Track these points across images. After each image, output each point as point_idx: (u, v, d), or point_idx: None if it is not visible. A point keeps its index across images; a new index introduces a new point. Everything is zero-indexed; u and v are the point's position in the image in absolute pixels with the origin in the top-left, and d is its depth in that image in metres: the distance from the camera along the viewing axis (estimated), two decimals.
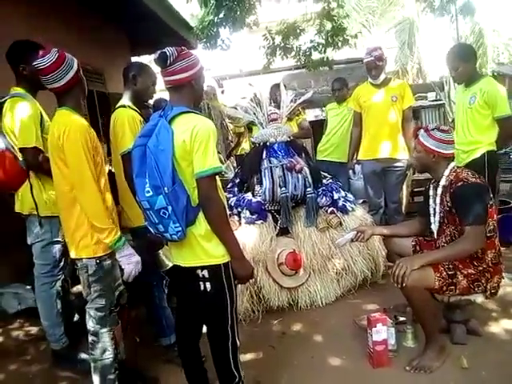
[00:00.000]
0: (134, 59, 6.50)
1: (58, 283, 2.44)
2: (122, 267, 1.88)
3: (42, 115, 2.30)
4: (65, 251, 2.35)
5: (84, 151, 1.78)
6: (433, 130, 2.29)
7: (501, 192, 5.82)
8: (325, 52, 7.35)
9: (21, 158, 2.25)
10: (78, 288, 3.03)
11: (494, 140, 2.99)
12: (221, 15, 6.62)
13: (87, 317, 1.96)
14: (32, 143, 2.20)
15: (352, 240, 2.59)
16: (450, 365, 2.20)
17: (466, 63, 2.98)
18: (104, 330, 1.94)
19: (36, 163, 2.22)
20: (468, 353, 2.26)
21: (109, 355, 1.93)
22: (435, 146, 2.26)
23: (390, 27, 13.24)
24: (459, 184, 2.18)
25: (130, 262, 1.89)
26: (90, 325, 1.95)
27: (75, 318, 2.73)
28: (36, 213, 2.31)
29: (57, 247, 2.38)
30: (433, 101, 7.75)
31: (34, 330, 2.91)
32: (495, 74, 12.42)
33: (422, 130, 2.33)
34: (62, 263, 2.43)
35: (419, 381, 2.12)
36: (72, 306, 2.70)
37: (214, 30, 6.72)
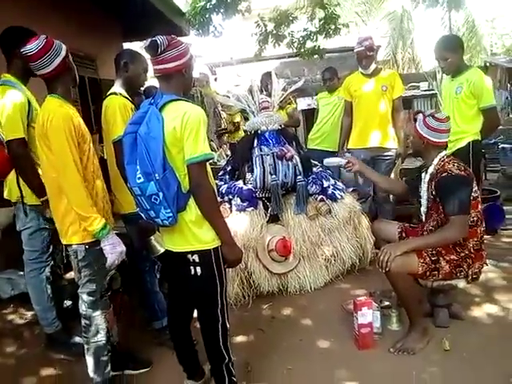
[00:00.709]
0: (126, 45, 6.45)
1: (47, 269, 2.46)
2: (106, 256, 1.89)
3: (30, 104, 2.28)
4: (54, 237, 2.39)
5: (67, 139, 1.79)
6: (428, 116, 2.32)
7: (488, 181, 5.94)
8: (316, 40, 7.34)
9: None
10: (70, 274, 3.09)
11: (478, 130, 3.05)
12: (213, 1, 6.58)
13: (80, 301, 2.00)
14: (20, 134, 2.20)
15: (340, 166, 2.69)
16: (432, 347, 2.28)
17: (453, 54, 3.00)
18: (96, 313, 1.98)
19: (22, 154, 2.21)
20: (450, 335, 2.34)
21: (101, 338, 1.98)
22: (426, 133, 2.30)
23: (383, 17, 13.24)
24: (443, 175, 2.24)
25: (113, 252, 1.89)
26: (83, 309, 1.99)
27: (68, 304, 2.77)
28: (21, 201, 2.32)
29: (44, 234, 2.40)
30: (425, 90, 7.81)
31: (27, 314, 2.95)
32: (487, 64, 12.48)
33: (420, 115, 2.35)
34: (50, 249, 2.46)
35: (402, 362, 2.20)
36: (64, 291, 2.74)
37: (207, 17, 6.69)
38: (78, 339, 2.47)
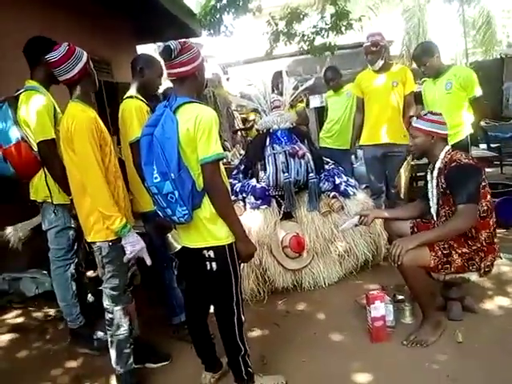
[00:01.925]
0: (139, 47, 6.56)
1: (72, 266, 2.57)
2: (126, 252, 1.98)
3: (55, 108, 2.40)
4: (78, 236, 2.50)
5: (89, 141, 1.89)
6: (425, 114, 2.38)
7: (505, 175, 5.88)
8: (327, 37, 7.33)
9: (35, 149, 2.35)
10: (92, 272, 3.20)
11: (471, 122, 3.28)
12: (224, 1, 6.64)
13: (104, 296, 2.09)
14: (50, 135, 2.31)
15: (356, 225, 2.68)
16: (445, 339, 2.31)
17: (431, 58, 3.25)
18: (118, 307, 2.07)
19: (53, 154, 2.31)
20: (463, 328, 2.36)
21: (124, 331, 2.07)
22: (432, 127, 2.34)
23: (397, 12, 13.12)
24: (452, 165, 2.27)
25: (133, 250, 1.98)
26: (106, 303, 2.08)
27: (90, 300, 2.88)
28: (50, 200, 2.43)
29: (70, 232, 2.51)
30: None
31: (51, 311, 3.07)
32: (503, 56, 12.24)
33: (414, 118, 2.41)
34: (75, 247, 2.56)
35: (415, 354, 2.23)
36: (86, 288, 2.85)
37: (217, 17, 6.75)
38: (100, 334, 2.57)
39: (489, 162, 5.42)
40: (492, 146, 7.08)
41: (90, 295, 2.91)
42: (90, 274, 3.20)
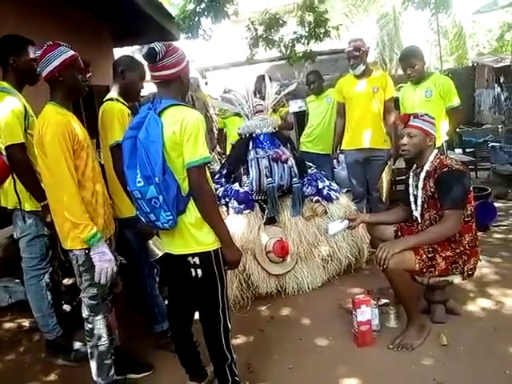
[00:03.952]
0: (116, 50, 6.45)
1: (47, 275, 2.45)
2: (94, 264, 1.87)
3: (26, 110, 2.29)
4: (52, 244, 2.39)
5: (61, 145, 1.80)
6: (423, 115, 2.39)
7: (479, 179, 6.03)
8: (308, 44, 7.39)
9: (4, 153, 2.23)
10: (67, 280, 3.09)
11: (446, 131, 3.41)
12: (202, 5, 6.60)
13: (82, 305, 2.01)
14: (19, 139, 2.20)
15: (345, 229, 2.68)
16: (430, 342, 2.32)
17: (420, 61, 3.35)
18: (98, 317, 1.99)
19: (21, 159, 2.20)
20: (447, 331, 2.38)
21: (104, 341, 1.99)
22: (431, 128, 2.37)
23: (372, 19, 13.38)
24: (444, 170, 2.28)
25: (101, 260, 1.87)
26: (85, 313, 2.00)
27: (67, 309, 2.77)
28: (19, 207, 2.31)
29: (43, 240, 2.39)
30: None
31: (26, 322, 2.93)
32: (475, 64, 12.65)
33: (412, 117, 2.40)
34: (49, 256, 2.45)
35: (401, 357, 2.23)
36: (62, 297, 2.74)
37: (196, 20, 6.69)
38: (78, 345, 2.48)
39: (465, 166, 5.55)
40: (467, 150, 7.28)
41: (66, 305, 2.80)
42: (66, 282, 3.08)
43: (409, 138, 2.37)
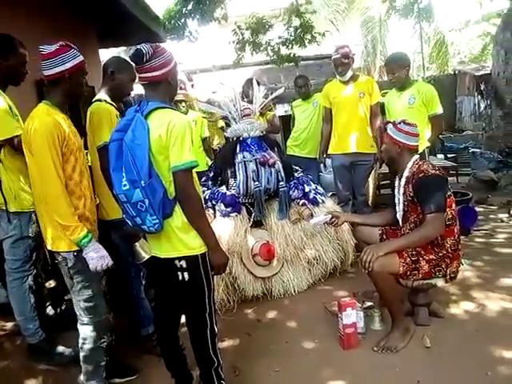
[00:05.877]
0: (101, 52, 6.38)
1: (30, 278, 2.41)
2: (87, 265, 1.85)
3: (11, 110, 2.27)
4: (36, 246, 2.36)
5: (49, 147, 1.78)
6: (399, 123, 2.45)
7: (460, 184, 6.15)
8: (292, 48, 7.46)
9: None
10: (50, 283, 3.04)
11: (428, 137, 3.45)
12: (189, 6, 6.59)
13: (77, 309, 1.96)
14: (17, 131, 2.16)
15: (326, 223, 2.73)
16: (414, 344, 2.35)
17: (406, 67, 3.42)
18: (96, 319, 1.96)
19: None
20: (431, 333, 2.42)
21: (103, 341, 1.99)
22: (401, 137, 2.42)
23: (357, 25, 13.57)
24: (420, 175, 2.34)
25: (95, 257, 1.85)
26: (82, 317, 1.96)
27: (50, 313, 2.72)
28: (5, 208, 2.29)
29: (27, 242, 2.35)
30: None
31: (7, 325, 2.87)
32: (456, 72, 12.93)
33: (390, 125, 2.48)
34: (33, 258, 2.41)
35: (386, 360, 2.26)
36: (45, 300, 2.69)
37: (182, 21, 6.67)
38: (61, 349, 2.44)
39: (447, 171, 5.66)
40: (448, 156, 7.42)
41: (49, 308, 2.75)
42: (48, 284, 3.03)
43: (383, 144, 2.52)
